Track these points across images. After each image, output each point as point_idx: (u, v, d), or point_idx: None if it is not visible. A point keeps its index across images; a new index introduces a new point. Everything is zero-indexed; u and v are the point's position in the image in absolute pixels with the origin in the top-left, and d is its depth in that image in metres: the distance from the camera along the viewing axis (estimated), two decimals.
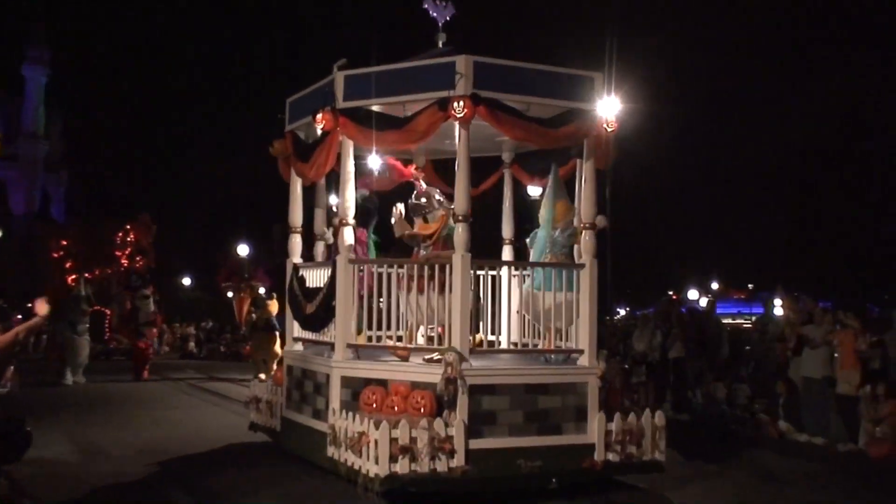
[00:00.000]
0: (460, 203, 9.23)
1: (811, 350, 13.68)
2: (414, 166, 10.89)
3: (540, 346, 10.05)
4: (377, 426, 8.64)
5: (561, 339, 9.75)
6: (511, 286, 10.36)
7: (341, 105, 9.77)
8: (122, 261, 35.85)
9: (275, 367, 20.21)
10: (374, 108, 9.72)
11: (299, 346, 11.05)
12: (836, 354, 13.44)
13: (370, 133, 9.61)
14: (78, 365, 20.09)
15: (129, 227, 37.14)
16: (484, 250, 9.93)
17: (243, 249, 48.87)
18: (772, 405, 14.58)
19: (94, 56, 75.66)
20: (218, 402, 16.24)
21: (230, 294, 41.61)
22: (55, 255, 37.54)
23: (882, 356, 13.26)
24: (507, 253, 11.88)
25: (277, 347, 20.25)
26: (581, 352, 9.62)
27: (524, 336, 10.40)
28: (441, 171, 11.96)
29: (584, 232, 9.77)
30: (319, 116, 9.74)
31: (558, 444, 9.30)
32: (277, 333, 20.18)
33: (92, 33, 79.66)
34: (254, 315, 37.50)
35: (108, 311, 31.03)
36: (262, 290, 45.12)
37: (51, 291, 20.89)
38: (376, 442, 8.60)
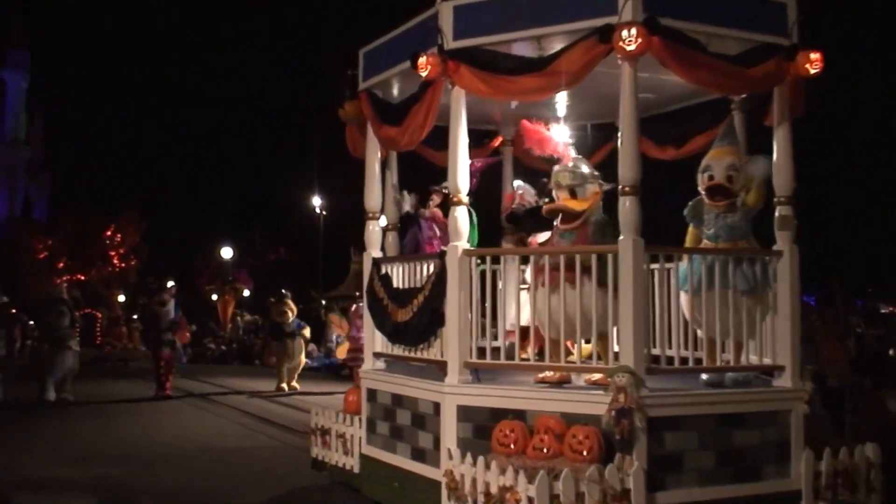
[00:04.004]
0: (627, 170, 6.31)
1: None
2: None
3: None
4: (531, 478, 5.76)
5: (729, 352, 6.91)
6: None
7: (451, 45, 6.78)
8: (115, 260, 32.81)
9: (295, 377, 17.44)
10: (495, 47, 6.78)
11: (381, 364, 8.07)
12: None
13: (495, 80, 6.65)
14: (60, 379, 15.65)
15: (117, 223, 34.23)
16: None
17: (226, 252, 46.07)
18: None
19: (75, 57, 72.71)
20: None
21: (214, 297, 38.99)
22: (40, 256, 34.34)
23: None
24: None
25: (303, 356, 17.33)
26: (781, 369, 6.77)
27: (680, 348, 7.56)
28: None
29: (779, 208, 6.92)
30: (422, 61, 6.72)
31: (758, 494, 6.42)
32: (303, 340, 17.22)
33: (72, 34, 76.59)
34: (241, 316, 34.53)
35: (99, 314, 28.00)
36: (246, 293, 42.41)
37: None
38: (529, 500, 5.74)
